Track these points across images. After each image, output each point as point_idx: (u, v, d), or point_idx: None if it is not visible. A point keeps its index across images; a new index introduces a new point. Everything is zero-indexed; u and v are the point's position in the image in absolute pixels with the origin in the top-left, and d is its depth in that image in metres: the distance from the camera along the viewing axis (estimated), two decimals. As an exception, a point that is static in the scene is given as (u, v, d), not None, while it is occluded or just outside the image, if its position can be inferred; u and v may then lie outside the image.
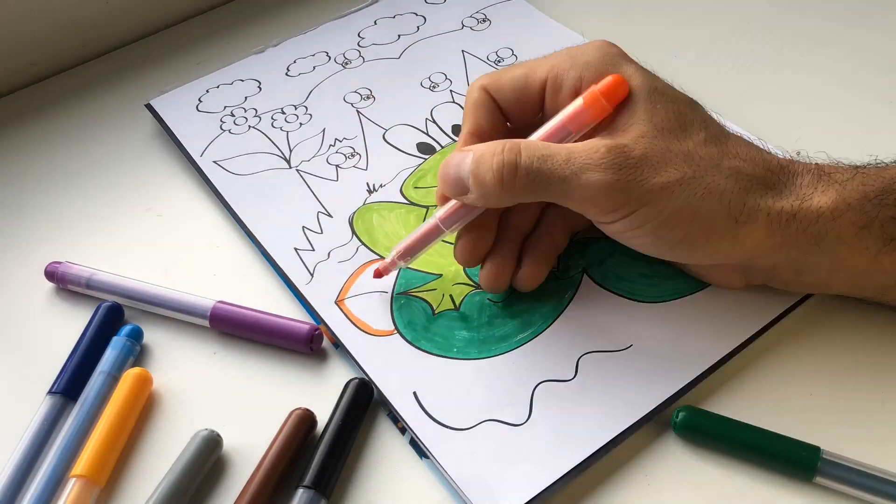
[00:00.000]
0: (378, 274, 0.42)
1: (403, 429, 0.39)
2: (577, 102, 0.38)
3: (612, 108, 0.38)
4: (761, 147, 0.39)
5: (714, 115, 0.40)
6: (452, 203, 0.40)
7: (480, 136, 0.41)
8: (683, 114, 0.38)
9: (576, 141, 0.39)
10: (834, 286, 0.40)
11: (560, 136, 0.39)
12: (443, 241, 0.45)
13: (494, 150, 0.37)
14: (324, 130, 0.53)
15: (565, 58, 0.40)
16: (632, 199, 0.36)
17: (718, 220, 0.36)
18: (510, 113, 0.42)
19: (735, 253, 0.37)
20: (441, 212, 0.40)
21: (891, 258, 0.37)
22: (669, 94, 0.38)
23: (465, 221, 0.40)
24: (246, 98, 0.55)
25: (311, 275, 0.44)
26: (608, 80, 0.38)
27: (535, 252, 0.42)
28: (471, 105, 0.41)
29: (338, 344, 0.42)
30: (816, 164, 0.39)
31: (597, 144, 0.36)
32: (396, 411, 0.39)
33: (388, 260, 0.42)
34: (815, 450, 0.36)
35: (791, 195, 0.37)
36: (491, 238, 0.41)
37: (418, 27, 0.59)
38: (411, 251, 0.41)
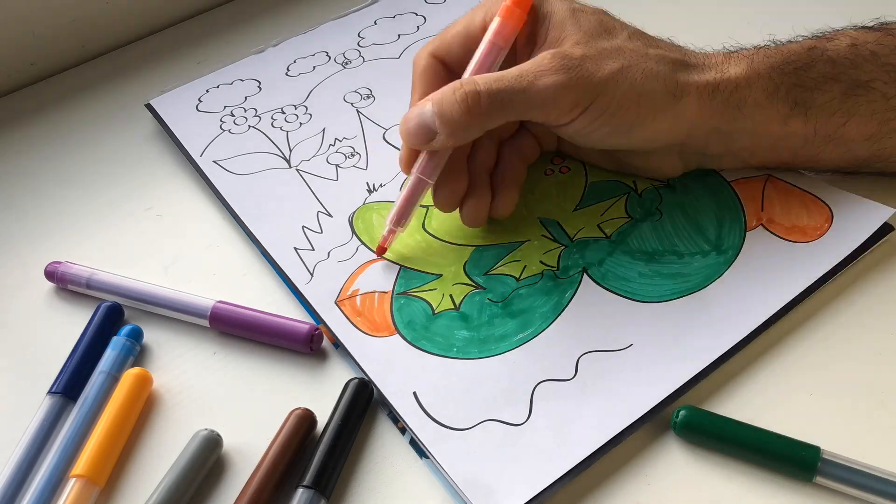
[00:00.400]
0: (381, 249, 0.44)
1: (403, 429, 0.39)
2: (496, 20, 0.42)
3: (526, 14, 0.42)
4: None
5: None
6: (423, 156, 0.42)
7: None
8: (605, 21, 0.43)
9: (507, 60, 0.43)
10: (757, 154, 0.45)
11: (493, 53, 0.42)
12: (441, 240, 0.45)
13: (454, 88, 0.40)
14: (324, 130, 0.53)
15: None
16: (586, 93, 0.40)
17: (659, 97, 0.41)
18: (462, 68, 0.43)
19: (676, 127, 0.42)
20: (416, 167, 0.43)
21: (798, 121, 0.42)
22: (588, 10, 0.43)
23: (440, 167, 0.43)
24: (246, 98, 0.55)
25: (311, 274, 0.44)
26: None
27: (504, 183, 0.45)
28: (419, 72, 0.44)
29: (338, 344, 0.42)
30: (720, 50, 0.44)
31: (541, 57, 0.41)
32: (396, 411, 0.39)
33: (385, 232, 0.44)
34: (815, 450, 0.36)
35: (711, 70, 0.42)
36: (465, 179, 0.44)
37: (418, 27, 0.59)
38: (403, 214, 0.43)
